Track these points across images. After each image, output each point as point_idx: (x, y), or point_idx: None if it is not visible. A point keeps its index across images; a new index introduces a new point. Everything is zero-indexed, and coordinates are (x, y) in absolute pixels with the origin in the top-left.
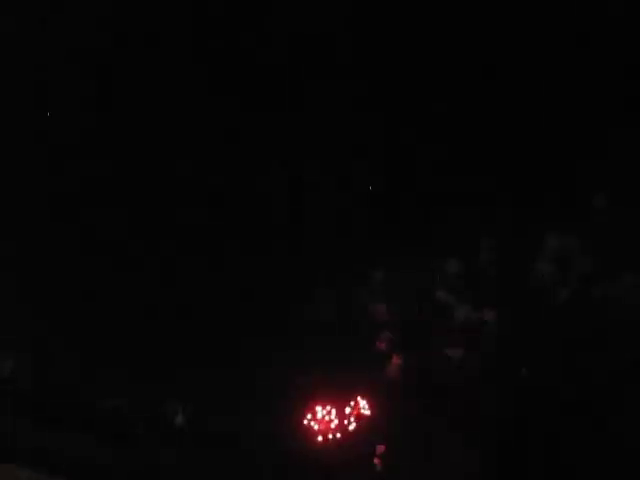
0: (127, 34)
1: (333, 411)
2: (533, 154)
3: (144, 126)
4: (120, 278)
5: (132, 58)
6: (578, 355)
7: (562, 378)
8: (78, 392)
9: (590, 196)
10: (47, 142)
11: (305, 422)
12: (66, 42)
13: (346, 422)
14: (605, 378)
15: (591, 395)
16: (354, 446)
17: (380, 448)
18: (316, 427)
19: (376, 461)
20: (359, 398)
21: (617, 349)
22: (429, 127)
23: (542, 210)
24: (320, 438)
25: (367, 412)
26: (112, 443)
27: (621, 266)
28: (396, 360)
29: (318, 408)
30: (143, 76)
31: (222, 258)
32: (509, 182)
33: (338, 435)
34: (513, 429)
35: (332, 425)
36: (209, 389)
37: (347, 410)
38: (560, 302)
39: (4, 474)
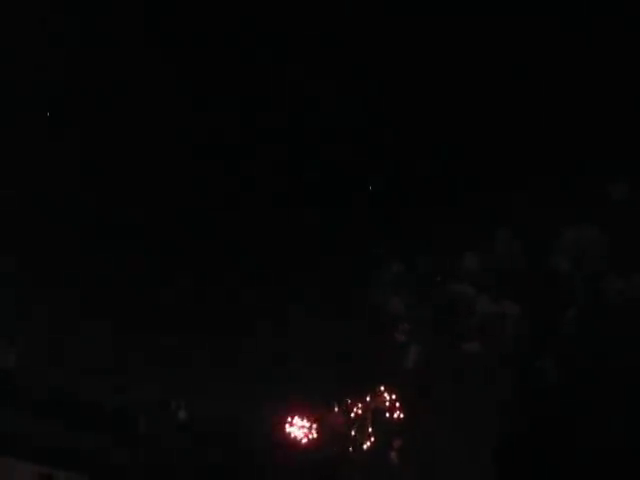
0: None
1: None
2: (552, 146)
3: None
4: (123, 276)
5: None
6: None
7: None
8: (81, 390)
9: (609, 188)
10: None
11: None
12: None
13: (361, 416)
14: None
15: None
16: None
17: (397, 442)
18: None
19: (393, 454)
20: (377, 391)
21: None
22: (449, 120)
23: (561, 203)
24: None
25: (385, 405)
26: (115, 440)
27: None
28: (414, 353)
29: (333, 403)
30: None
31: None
32: (528, 175)
33: (354, 429)
34: (530, 425)
35: (348, 419)
36: (215, 385)
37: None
38: (580, 296)
39: (7, 468)
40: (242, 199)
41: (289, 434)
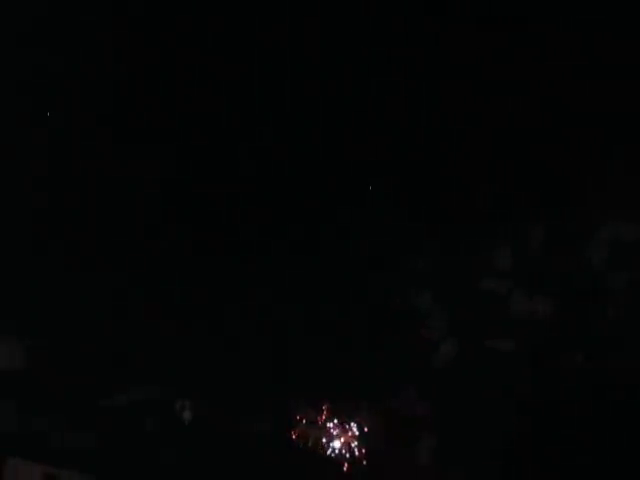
0: None
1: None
2: (589, 142)
3: None
4: (127, 275)
5: None
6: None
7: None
8: (85, 389)
9: None
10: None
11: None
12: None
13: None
14: None
15: None
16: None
17: (425, 442)
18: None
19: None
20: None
21: None
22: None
23: (598, 200)
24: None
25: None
26: (119, 440)
27: None
28: (444, 350)
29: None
30: None
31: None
32: (564, 170)
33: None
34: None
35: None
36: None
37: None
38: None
39: (12, 468)
40: (256, 199)
41: (301, 435)
